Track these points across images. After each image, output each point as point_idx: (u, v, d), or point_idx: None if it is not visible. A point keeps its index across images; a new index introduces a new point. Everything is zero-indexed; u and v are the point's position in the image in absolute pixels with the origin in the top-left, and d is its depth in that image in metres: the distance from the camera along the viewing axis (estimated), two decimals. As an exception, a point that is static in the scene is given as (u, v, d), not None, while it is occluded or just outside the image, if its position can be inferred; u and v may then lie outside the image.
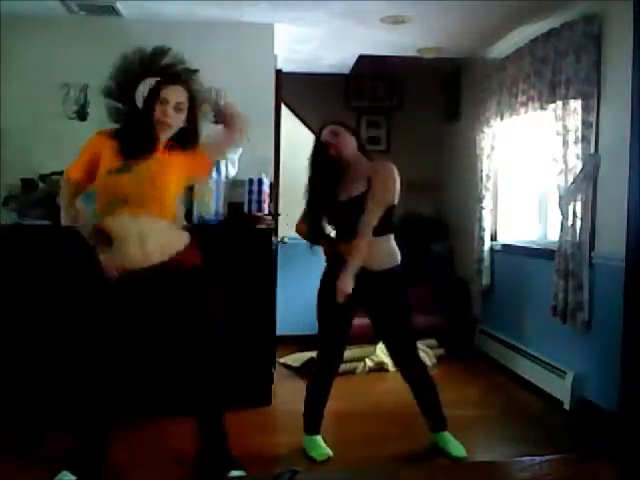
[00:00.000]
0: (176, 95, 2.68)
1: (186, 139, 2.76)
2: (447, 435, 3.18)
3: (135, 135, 2.68)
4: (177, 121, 2.71)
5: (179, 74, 2.77)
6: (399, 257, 3.11)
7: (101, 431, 2.81)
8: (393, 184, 3.01)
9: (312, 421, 3.22)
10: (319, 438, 3.20)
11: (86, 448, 2.78)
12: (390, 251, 3.09)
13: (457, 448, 3.13)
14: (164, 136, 2.72)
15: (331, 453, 3.13)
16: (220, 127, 2.96)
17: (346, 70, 5.84)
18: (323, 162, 3.09)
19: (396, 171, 3.03)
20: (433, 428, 3.22)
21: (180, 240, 2.79)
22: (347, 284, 2.97)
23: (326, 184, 3.09)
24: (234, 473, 2.74)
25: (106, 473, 2.81)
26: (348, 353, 3.63)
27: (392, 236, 3.11)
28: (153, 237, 2.66)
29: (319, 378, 3.23)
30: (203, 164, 2.92)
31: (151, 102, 2.66)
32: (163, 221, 2.71)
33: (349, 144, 3.09)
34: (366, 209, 2.96)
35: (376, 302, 3.11)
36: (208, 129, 4.09)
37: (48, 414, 3.36)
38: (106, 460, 2.81)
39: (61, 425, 2.89)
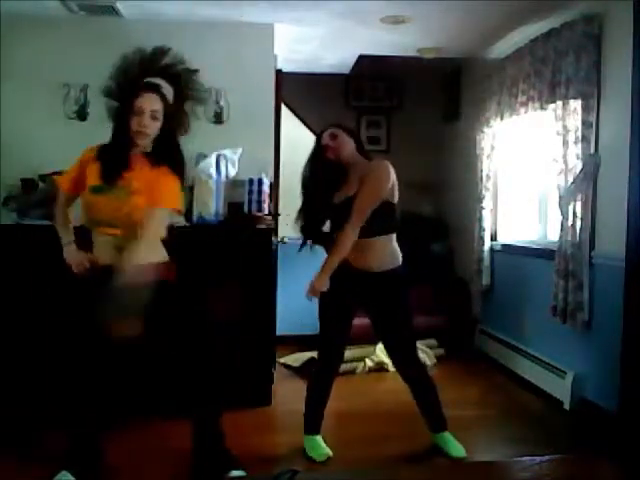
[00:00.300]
0: (151, 103, 2.65)
1: (164, 148, 2.72)
2: (447, 435, 3.19)
3: (111, 154, 2.67)
4: (154, 129, 2.67)
5: (179, 74, 2.77)
6: (400, 258, 3.10)
7: (99, 431, 2.81)
8: (384, 181, 2.96)
9: (312, 421, 3.22)
10: (319, 438, 3.20)
11: (85, 448, 2.78)
12: (392, 252, 3.08)
13: (457, 449, 3.13)
14: (142, 144, 2.68)
15: (331, 453, 3.13)
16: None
17: (346, 70, 5.84)
18: (321, 165, 3.09)
19: (390, 169, 2.99)
20: (433, 428, 3.22)
21: (157, 256, 2.71)
22: (321, 282, 2.97)
23: (324, 186, 3.09)
24: (234, 473, 2.74)
25: (104, 473, 2.81)
26: (348, 353, 3.63)
27: (394, 236, 3.10)
28: (131, 251, 2.63)
29: (319, 378, 3.23)
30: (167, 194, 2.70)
31: (126, 115, 2.64)
32: (142, 241, 2.63)
33: (347, 146, 3.09)
34: (353, 208, 2.95)
35: (377, 303, 3.11)
36: (208, 129, 4.14)
37: (48, 414, 3.36)
38: (103, 460, 2.81)
39: (61, 425, 2.89)
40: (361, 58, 5.40)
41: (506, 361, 4.66)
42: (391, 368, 4.67)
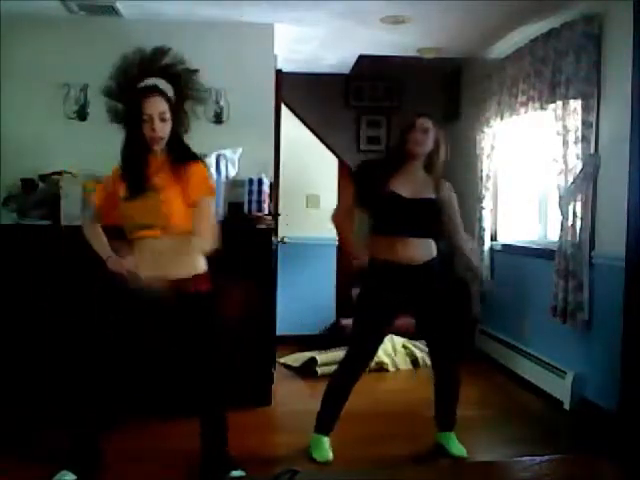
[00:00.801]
0: (157, 106, 2.63)
1: (178, 145, 2.72)
2: (451, 435, 3.20)
3: (133, 164, 2.68)
4: (166, 131, 2.67)
5: (179, 74, 2.77)
6: (435, 251, 3.15)
7: (100, 430, 2.81)
8: None
9: (326, 421, 3.16)
10: (326, 440, 3.16)
11: (85, 447, 2.78)
12: (429, 244, 3.14)
13: (458, 448, 3.14)
14: (159, 147, 2.68)
15: (332, 458, 3.10)
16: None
17: (346, 70, 5.84)
18: (400, 153, 3.09)
19: None
20: (441, 427, 3.22)
21: (195, 266, 2.75)
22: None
23: (385, 175, 3.07)
24: (234, 473, 2.74)
25: (105, 472, 2.81)
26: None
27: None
28: (167, 260, 2.64)
29: (344, 377, 3.16)
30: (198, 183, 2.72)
31: (137, 121, 2.62)
32: (181, 241, 2.65)
33: (429, 144, 3.09)
34: (454, 217, 3.18)
35: (422, 294, 3.10)
36: (208, 129, 4.14)
37: (48, 414, 3.36)
38: (104, 460, 2.81)
39: (61, 425, 2.89)
40: (361, 58, 5.40)
41: (506, 361, 4.66)
42: (391, 368, 4.69)
